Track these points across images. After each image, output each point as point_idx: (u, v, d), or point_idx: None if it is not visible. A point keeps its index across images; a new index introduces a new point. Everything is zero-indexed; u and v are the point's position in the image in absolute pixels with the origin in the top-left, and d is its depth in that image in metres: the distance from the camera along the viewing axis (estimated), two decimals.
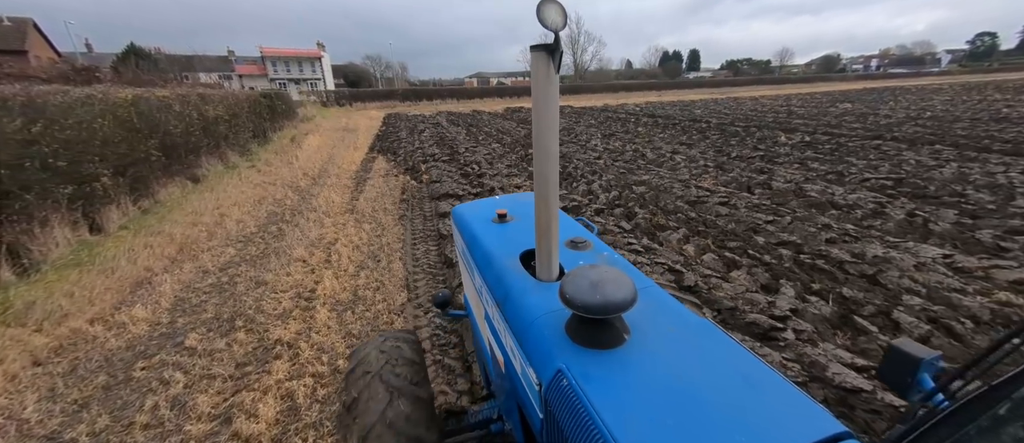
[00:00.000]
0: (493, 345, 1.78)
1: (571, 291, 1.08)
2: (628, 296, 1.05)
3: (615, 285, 1.07)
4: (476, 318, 2.20)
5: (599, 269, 1.13)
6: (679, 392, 0.96)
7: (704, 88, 59.17)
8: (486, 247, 1.85)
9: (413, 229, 6.38)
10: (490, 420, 2.11)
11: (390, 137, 17.11)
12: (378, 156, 12.90)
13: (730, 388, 0.96)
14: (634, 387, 0.99)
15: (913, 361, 1.13)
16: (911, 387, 1.14)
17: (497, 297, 1.57)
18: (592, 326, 1.13)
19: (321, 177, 10.12)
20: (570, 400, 1.00)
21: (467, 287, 2.37)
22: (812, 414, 0.88)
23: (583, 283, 1.08)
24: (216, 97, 11.37)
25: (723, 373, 1.01)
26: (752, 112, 22.19)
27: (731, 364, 1.04)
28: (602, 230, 5.79)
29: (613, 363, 1.06)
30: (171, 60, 27.57)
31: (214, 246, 5.83)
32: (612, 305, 1.04)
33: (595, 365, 1.06)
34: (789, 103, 27.79)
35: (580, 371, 1.04)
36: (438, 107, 39.20)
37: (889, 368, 1.20)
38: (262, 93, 16.29)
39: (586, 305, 1.04)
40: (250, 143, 13.20)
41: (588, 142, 14.04)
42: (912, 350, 1.15)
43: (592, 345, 1.12)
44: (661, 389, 0.97)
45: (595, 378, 1.02)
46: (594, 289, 1.06)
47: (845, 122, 16.03)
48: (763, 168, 9.11)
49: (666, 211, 6.55)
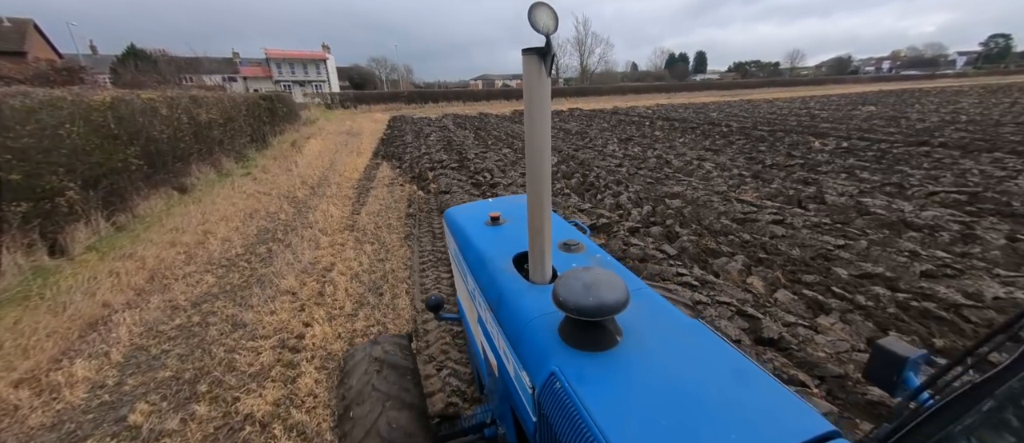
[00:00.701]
0: (486, 348, 1.75)
1: (564, 293, 1.07)
2: (621, 298, 1.05)
3: (608, 287, 1.06)
4: (469, 321, 2.17)
5: (592, 271, 1.12)
6: (672, 393, 0.96)
7: (713, 90, 58.07)
8: (479, 250, 1.82)
9: (421, 250, 5.55)
10: (483, 424, 2.06)
11: (395, 141, 16.34)
12: (382, 162, 12.12)
13: (722, 388, 0.97)
14: (627, 389, 0.99)
15: (899, 360, 1.09)
16: (897, 385, 1.10)
17: (490, 300, 1.55)
18: (585, 328, 1.13)
19: (320, 186, 9.33)
20: (563, 403, 1.00)
21: (460, 290, 2.33)
22: (801, 413, 0.89)
23: (576, 285, 1.08)
24: (210, 100, 10.63)
25: (715, 373, 1.02)
26: (772, 115, 21.22)
27: (722, 364, 1.05)
28: (642, 256, 4.94)
29: (606, 365, 1.06)
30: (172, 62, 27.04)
31: (191, 272, 5.02)
32: (605, 307, 1.03)
33: (588, 367, 1.06)
34: (808, 106, 26.75)
35: (573, 373, 1.04)
36: (444, 109, 38.48)
37: (875, 367, 1.15)
38: (261, 96, 15.57)
39: (579, 307, 1.04)
40: (248, 148, 12.47)
41: (605, 147, 13.18)
42: (897, 349, 1.11)
43: (585, 347, 1.12)
44: (654, 390, 0.98)
45: (588, 380, 1.02)
46: (587, 291, 1.05)
47: (876, 126, 15.06)
48: (807, 178, 8.21)
49: (713, 231, 5.68)
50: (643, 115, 24.78)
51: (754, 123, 17.76)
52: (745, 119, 19.67)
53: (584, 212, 6.75)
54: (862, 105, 24.78)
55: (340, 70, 67.93)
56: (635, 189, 7.90)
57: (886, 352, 1.12)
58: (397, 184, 9.34)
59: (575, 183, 8.71)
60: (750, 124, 17.50)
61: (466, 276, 1.96)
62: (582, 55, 68.83)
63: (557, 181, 9.01)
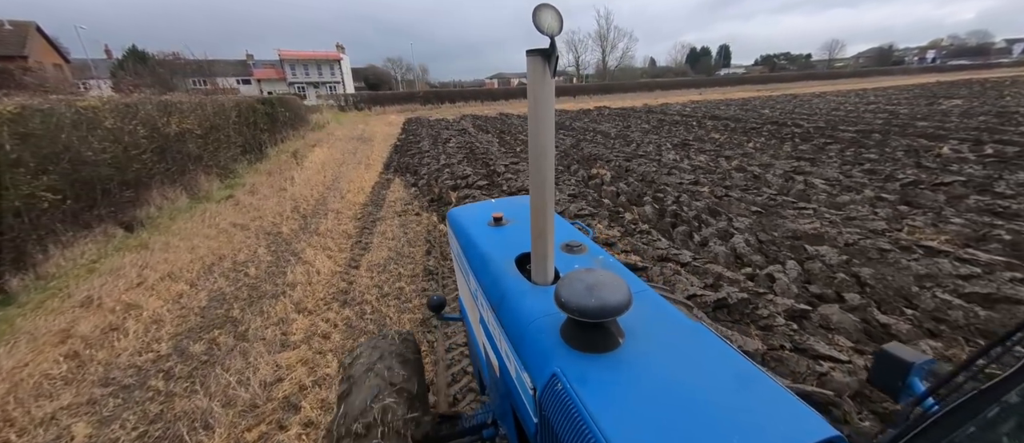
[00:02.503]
0: (488, 349, 1.74)
1: (566, 295, 1.06)
2: (623, 300, 1.04)
3: (610, 289, 1.05)
4: (471, 322, 2.13)
5: (594, 273, 1.11)
6: (674, 395, 0.95)
7: (746, 85, 54.31)
8: (482, 250, 1.80)
9: (451, 350, 3.38)
10: (484, 424, 2.01)
11: (410, 149, 14.26)
12: (394, 178, 10.03)
13: (724, 391, 0.95)
14: (629, 391, 0.97)
15: (904, 365, 1.07)
16: (901, 391, 1.09)
17: (492, 300, 1.53)
18: (587, 330, 1.12)
19: (315, 214, 7.27)
20: (565, 404, 0.99)
21: (462, 290, 2.30)
22: (805, 417, 0.87)
23: (578, 287, 1.07)
24: (185, 106, 8.69)
25: (717, 376, 1.00)
26: (840, 113, 18.37)
27: (725, 367, 1.03)
28: None
29: (608, 367, 1.05)
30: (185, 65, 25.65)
31: (43, 417, 2.93)
32: (607, 309, 1.02)
33: (590, 369, 1.05)
34: (872, 101, 23.57)
35: (575, 375, 1.03)
36: (461, 110, 36.43)
37: (879, 372, 1.14)
38: (259, 99, 13.67)
39: (581, 309, 1.03)
40: (237, 162, 10.54)
41: (661, 155, 10.81)
42: (902, 354, 1.09)
43: (587, 349, 1.10)
44: (656, 393, 0.96)
45: (590, 382, 1.00)
46: (589, 293, 1.04)
47: (992, 123, 12.23)
48: (991, 206, 5.73)
49: (936, 318, 3.34)
50: (684, 114, 22.17)
51: (829, 123, 15.02)
52: (812, 118, 16.93)
53: (688, 269, 4.47)
54: (942, 99, 21.59)
55: (355, 71, 66.73)
56: (745, 224, 5.56)
57: (891, 357, 1.09)
58: (411, 212, 7.20)
59: (652, 212, 6.40)
60: (825, 124, 14.80)
61: (468, 276, 1.92)
62: (604, 50, 65.83)
63: (625, 209, 6.72)
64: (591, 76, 70.64)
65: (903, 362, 1.06)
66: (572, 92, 46.72)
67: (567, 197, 7.40)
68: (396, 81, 70.38)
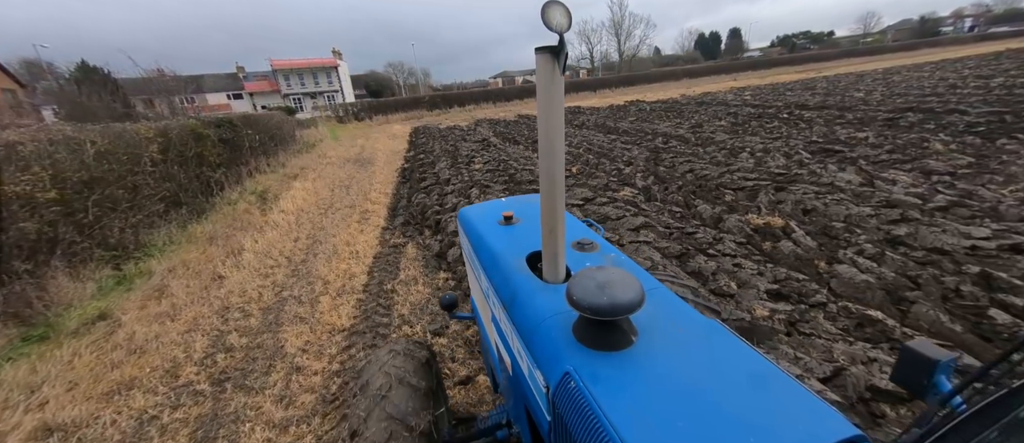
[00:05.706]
0: (500, 348, 1.73)
1: (578, 293, 1.04)
2: (635, 297, 1.02)
3: (622, 286, 1.03)
4: (483, 321, 2.11)
5: (606, 270, 1.09)
6: (689, 394, 0.93)
7: (781, 67, 49.43)
8: (492, 249, 1.78)
9: None
10: (498, 425, 2.01)
11: (424, 176, 10.41)
12: (406, 242, 6.21)
13: (740, 389, 0.92)
14: (643, 389, 0.95)
15: (929, 363, 0.99)
16: (927, 389, 1.01)
17: (504, 299, 1.52)
18: (599, 328, 1.10)
19: (250, 359, 3.45)
20: (578, 402, 0.97)
21: (474, 290, 2.31)
22: (825, 416, 0.84)
23: (590, 285, 1.05)
24: (33, 149, 4.94)
25: (733, 374, 0.97)
26: (923, 94, 14.02)
27: (741, 365, 1.00)
28: None
29: (621, 365, 1.03)
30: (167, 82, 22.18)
31: None
32: (620, 306, 1.00)
33: (603, 367, 1.03)
34: (946, 79, 18.98)
35: (588, 373, 1.01)
36: (473, 114, 32.60)
37: (903, 370, 1.06)
38: (212, 120, 9.90)
39: (593, 307, 1.01)
40: (155, 225, 6.76)
41: (822, 175, 6.83)
42: (927, 352, 1.01)
43: (600, 347, 1.09)
44: (670, 391, 0.94)
45: (603, 380, 0.99)
46: (601, 290, 1.02)
47: None
48: None
49: None
50: (752, 103, 18.04)
51: (945, 107, 10.79)
52: (911, 101, 12.68)
53: None
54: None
55: (355, 78, 63.24)
56: None
57: (916, 354, 1.03)
58: (458, 358, 3.33)
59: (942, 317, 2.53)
60: (941, 109, 10.68)
61: (479, 275, 1.91)
62: (620, 39, 61.37)
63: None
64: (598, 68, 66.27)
65: (928, 360, 0.99)
66: (593, 86, 42.34)
67: (763, 298, 3.49)
68: (399, 86, 66.72)
